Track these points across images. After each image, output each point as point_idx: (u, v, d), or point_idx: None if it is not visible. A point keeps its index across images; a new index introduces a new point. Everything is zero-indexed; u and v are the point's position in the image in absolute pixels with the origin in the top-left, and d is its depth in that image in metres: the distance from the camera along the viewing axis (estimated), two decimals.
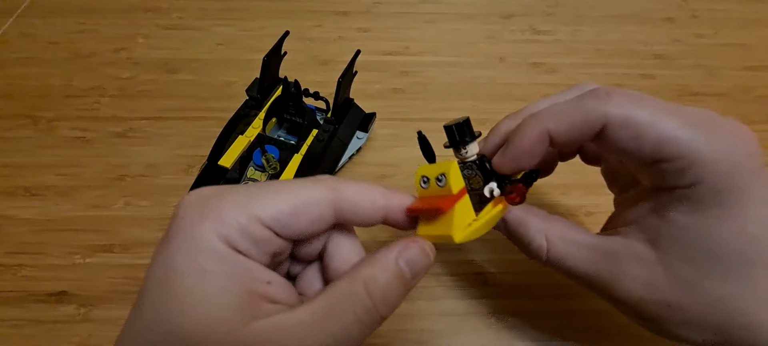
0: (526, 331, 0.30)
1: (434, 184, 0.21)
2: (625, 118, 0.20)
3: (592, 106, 0.20)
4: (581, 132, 0.21)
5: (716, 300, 0.20)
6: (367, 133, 0.39)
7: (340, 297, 0.18)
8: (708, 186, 0.19)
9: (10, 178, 0.37)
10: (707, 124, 0.20)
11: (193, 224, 0.17)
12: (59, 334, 0.29)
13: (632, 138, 0.20)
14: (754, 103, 0.45)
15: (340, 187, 0.19)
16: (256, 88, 0.37)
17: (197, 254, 0.17)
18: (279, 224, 0.18)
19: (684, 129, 0.19)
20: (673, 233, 0.21)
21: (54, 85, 0.44)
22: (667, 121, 0.20)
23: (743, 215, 0.19)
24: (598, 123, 0.20)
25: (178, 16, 0.52)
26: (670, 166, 0.20)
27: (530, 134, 0.21)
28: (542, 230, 0.23)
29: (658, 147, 0.20)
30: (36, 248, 0.33)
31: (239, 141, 0.35)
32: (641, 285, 0.21)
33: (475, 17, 0.53)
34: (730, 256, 0.20)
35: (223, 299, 0.17)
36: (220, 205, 0.18)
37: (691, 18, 0.54)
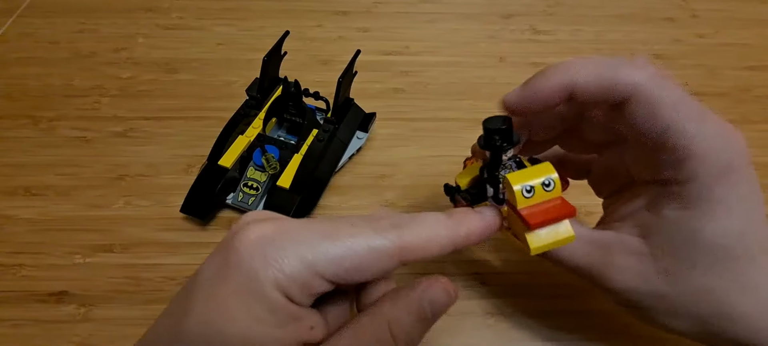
0: (526, 331, 0.30)
1: (540, 190, 0.20)
2: (649, 95, 0.20)
3: (624, 72, 0.20)
4: (607, 94, 0.20)
5: (702, 291, 0.21)
6: (367, 133, 0.39)
7: (367, 337, 0.18)
8: (700, 184, 0.20)
9: (10, 177, 0.37)
10: (713, 123, 0.20)
11: (255, 268, 0.17)
12: (59, 334, 0.29)
13: (648, 116, 0.20)
14: (754, 102, 0.45)
15: (403, 236, 0.18)
16: (256, 88, 0.37)
17: (254, 303, 0.17)
18: (340, 278, 0.18)
19: (693, 123, 0.20)
20: (664, 227, 0.21)
21: (54, 85, 0.44)
22: (682, 110, 0.20)
23: (731, 213, 0.20)
24: (626, 91, 0.20)
25: (178, 16, 0.52)
26: (669, 156, 0.20)
27: (554, 80, 0.21)
28: None
29: (666, 134, 0.20)
30: (36, 247, 0.33)
31: (239, 141, 0.35)
32: (633, 275, 0.22)
33: (475, 17, 0.53)
34: (716, 250, 0.20)
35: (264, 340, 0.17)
36: (283, 252, 0.17)
37: (691, 18, 0.54)
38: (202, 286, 0.18)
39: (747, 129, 0.43)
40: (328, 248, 0.17)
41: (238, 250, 0.17)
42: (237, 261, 0.17)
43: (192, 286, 0.18)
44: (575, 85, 0.20)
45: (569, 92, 0.21)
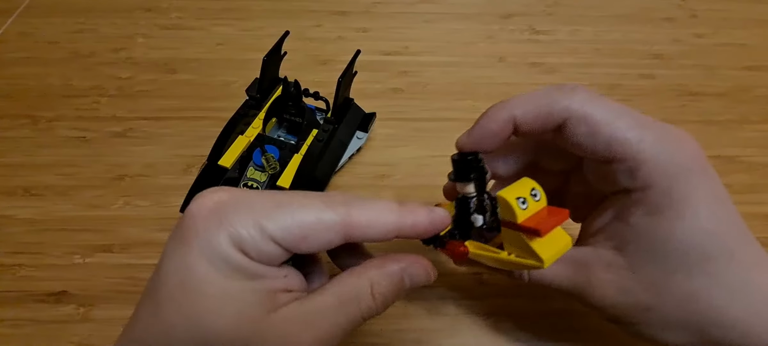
0: (524, 331, 0.30)
1: (532, 200, 0.20)
2: (583, 114, 0.21)
3: (557, 98, 0.22)
4: (544, 122, 0.22)
5: (686, 297, 0.21)
6: (366, 133, 0.39)
7: (349, 293, 0.20)
8: (659, 188, 0.21)
9: (9, 177, 0.37)
10: (656, 129, 0.21)
11: (210, 231, 0.18)
12: (59, 334, 0.29)
13: (588, 134, 0.21)
14: (754, 102, 0.45)
15: (351, 213, 0.19)
16: (256, 88, 0.37)
17: (219, 261, 0.18)
18: (288, 244, 0.19)
19: (634, 131, 0.21)
20: (636, 236, 0.22)
21: (53, 85, 0.44)
22: (620, 121, 0.21)
23: (696, 212, 0.20)
24: (560, 115, 0.22)
25: (177, 16, 0.52)
26: (620, 166, 0.21)
27: (496, 118, 0.23)
28: None
29: (610, 146, 0.21)
30: (35, 247, 0.33)
31: (239, 141, 0.35)
32: (614, 290, 0.22)
33: (475, 17, 0.53)
34: (690, 253, 0.20)
35: (247, 298, 0.18)
36: (235, 215, 0.18)
37: (690, 18, 0.54)
38: (169, 259, 0.19)
39: (747, 129, 0.43)
40: (278, 215, 0.18)
41: (194, 216, 0.18)
42: (194, 226, 0.18)
43: (161, 261, 0.19)
44: (516, 119, 0.22)
45: (512, 125, 0.23)
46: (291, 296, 0.20)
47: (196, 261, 0.18)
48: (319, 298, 0.20)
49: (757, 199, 0.38)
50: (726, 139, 0.42)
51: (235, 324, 0.18)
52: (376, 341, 0.29)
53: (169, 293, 0.18)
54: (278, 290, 0.19)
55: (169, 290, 0.18)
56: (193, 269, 0.18)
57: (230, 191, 0.19)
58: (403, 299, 0.31)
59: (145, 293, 0.19)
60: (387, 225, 0.20)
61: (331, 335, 0.19)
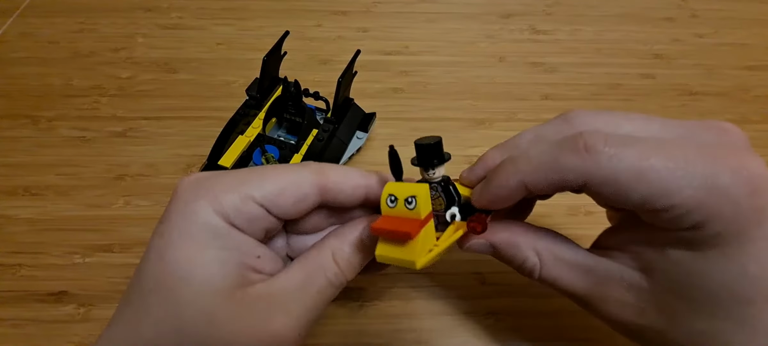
0: (525, 331, 0.30)
1: (402, 205, 0.20)
2: (605, 178, 0.18)
3: (570, 163, 0.19)
4: (558, 187, 0.20)
5: (707, 334, 0.20)
6: (367, 133, 0.39)
7: (313, 265, 0.21)
8: (711, 229, 0.18)
9: (9, 177, 0.37)
10: (705, 159, 0.18)
11: (190, 201, 0.19)
12: (59, 333, 0.29)
13: (617, 193, 0.19)
14: (754, 102, 0.45)
15: (324, 170, 0.21)
16: (256, 88, 0.37)
17: (195, 228, 0.19)
18: (269, 202, 0.20)
19: (678, 179, 0.18)
20: (668, 267, 0.20)
21: (54, 85, 0.44)
22: (657, 172, 0.18)
23: (744, 255, 0.18)
24: (577, 182, 0.19)
25: (177, 16, 0.52)
26: (666, 214, 0.18)
27: (507, 185, 0.21)
28: (533, 247, 0.23)
29: (648, 200, 0.18)
30: (35, 247, 0.33)
31: (239, 141, 0.35)
32: (631, 310, 0.21)
33: (475, 17, 0.53)
34: (723, 294, 0.19)
35: (219, 269, 0.19)
36: (216, 185, 0.20)
37: (690, 17, 0.54)
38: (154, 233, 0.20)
39: (747, 129, 0.42)
40: (255, 176, 0.20)
41: (176, 192, 0.20)
42: (176, 201, 0.19)
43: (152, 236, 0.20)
44: (527, 185, 0.20)
45: (524, 189, 0.21)
46: (261, 277, 0.20)
47: (173, 231, 0.19)
48: (284, 276, 0.20)
49: None
50: None
51: (200, 293, 0.18)
52: (375, 341, 0.29)
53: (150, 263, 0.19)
54: (249, 267, 0.20)
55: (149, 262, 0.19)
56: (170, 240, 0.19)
57: (210, 171, 0.21)
58: (403, 299, 0.31)
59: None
60: (356, 180, 0.22)
61: (302, 312, 0.20)
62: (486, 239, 0.23)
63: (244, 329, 0.18)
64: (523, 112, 0.43)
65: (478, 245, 0.23)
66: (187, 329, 0.18)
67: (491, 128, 0.42)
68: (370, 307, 0.31)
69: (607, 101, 0.45)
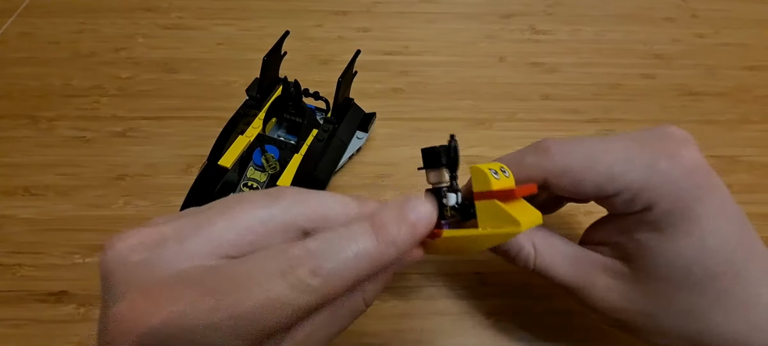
0: (525, 331, 0.30)
1: (502, 176, 0.21)
2: (561, 170, 0.22)
3: (531, 162, 0.22)
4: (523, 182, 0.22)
5: (686, 312, 0.21)
6: (367, 133, 0.39)
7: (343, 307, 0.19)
8: (660, 208, 0.21)
9: (9, 177, 0.37)
10: (645, 150, 0.21)
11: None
12: (59, 333, 0.29)
13: (573, 183, 0.22)
14: (754, 102, 0.45)
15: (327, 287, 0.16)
16: (256, 88, 0.37)
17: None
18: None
19: (620, 165, 0.21)
20: (641, 252, 0.22)
21: (54, 85, 0.44)
22: (601, 163, 0.21)
23: (699, 230, 0.20)
24: (539, 178, 0.22)
25: (177, 16, 0.52)
26: (617, 199, 0.21)
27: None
28: (529, 237, 0.24)
29: (599, 187, 0.21)
30: (35, 247, 0.33)
31: (239, 141, 0.35)
32: (619, 297, 0.22)
33: (475, 17, 0.53)
34: (694, 271, 0.20)
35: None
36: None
37: (691, 18, 0.54)
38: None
39: (747, 129, 0.43)
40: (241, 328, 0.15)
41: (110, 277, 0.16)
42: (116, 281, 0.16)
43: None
44: None
45: None
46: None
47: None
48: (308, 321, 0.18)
49: (758, 199, 0.38)
50: (726, 139, 0.42)
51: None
52: (375, 342, 0.29)
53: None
54: None
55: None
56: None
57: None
58: (403, 299, 0.31)
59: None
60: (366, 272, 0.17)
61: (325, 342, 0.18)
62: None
63: None
64: (523, 113, 0.43)
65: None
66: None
67: (491, 128, 0.42)
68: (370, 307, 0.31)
69: (608, 101, 0.45)
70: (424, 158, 0.22)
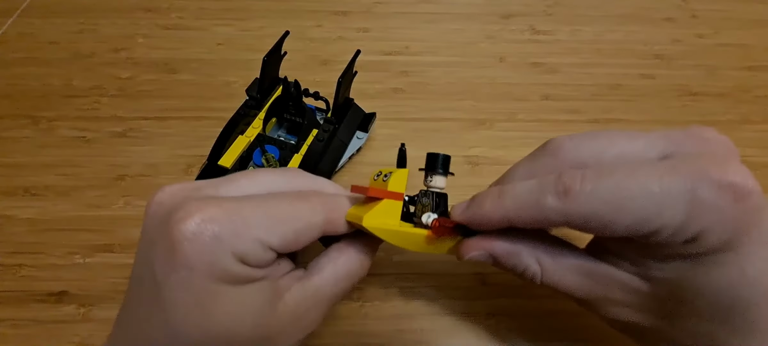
0: (525, 331, 0.30)
1: (381, 179, 0.24)
2: (585, 216, 0.19)
3: (551, 205, 0.19)
4: (542, 226, 0.21)
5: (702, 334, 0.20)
6: (367, 133, 0.39)
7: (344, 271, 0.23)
8: (702, 242, 0.18)
9: (9, 178, 0.37)
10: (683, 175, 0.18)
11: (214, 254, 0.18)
12: (59, 334, 0.29)
13: (602, 227, 0.19)
14: (754, 103, 0.45)
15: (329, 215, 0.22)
16: (256, 88, 0.37)
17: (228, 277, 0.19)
18: (284, 248, 0.20)
19: (656, 203, 0.18)
20: (668, 276, 0.20)
21: (54, 85, 0.44)
22: (636, 200, 0.18)
23: (739, 259, 0.18)
24: (559, 222, 0.20)
25: (177, 16, 0.52)
26: (654, 237, 0.19)
27: (491, 217, 0.22)
28: (533, 254, 0.23)
29: (633, 229, 0.19)
30: (36, 247, 0.33)
31: (239, 141, 0.35)
32: (633, 311, 0.21)
33: (475, 17, 0.53)
34: (723, 299, 0.19)
35: (258, 300, 0.20)
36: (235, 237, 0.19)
37: (691, 18, 0.54)
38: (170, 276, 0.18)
39: (747, 129, 0.43)
40: (275, 227, 0.20)
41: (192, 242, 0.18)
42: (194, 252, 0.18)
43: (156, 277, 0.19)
44: (511, 222, 0.21)
45: (508, 225, 0.21)
46: (288, 278, 0.22)
47: (205, 282, 0.18)
48: (318, 278, 0.22)
49: None
50: None
51: (256, 325, 0.20)
52: (375, 341, 0.29)
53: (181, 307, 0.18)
54: (278, 278, 0.21)
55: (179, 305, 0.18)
56: (205, 289, 0.18)
57: (219, 206, 0.19)
58: (403, 299, 0.31)
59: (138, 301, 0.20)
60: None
61: (331, 305, 0.23)
62: (485, 248, 0.23)
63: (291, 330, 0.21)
64: (524, 113, 0.43)
65: (478, 254, 0.23)
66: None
67: (491, 129, 0.42)
68: (370, 307, 0.31)
69: (608, 102, 0.45)
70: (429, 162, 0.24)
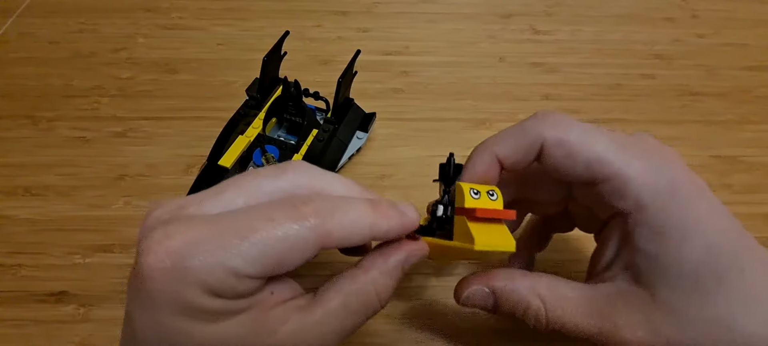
0: (526, 331, 0.30)
1: (486, 196, 0.22)
2: (558, 139, 0.22)
3: (530, 127, 0.22)
4: (525, 153, 0.23)
5: (709, 324, 0.20)
6: (367, 133, 0.39)
7: (354, 300, 0.19)
8: (655, 207, 0.20)
9: (9, 178, 0.37)
10: (634, 145, 0.21)
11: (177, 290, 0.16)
12: (59, 334, 0.29)
13: (565, 156, 0.22)
14: (754, 103, 0.45)
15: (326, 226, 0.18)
16: (256, 88, 0.37)
17: (198, 313, 0.17)
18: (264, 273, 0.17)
19: (612, 150, 0.21)
20: (648, 263, 0.21)
21: (54, 85, 0.44)
22: (596, 142, 0.21)
23: (698, 229, 0.20)
24: (537, 143, 0.22)
25: (177, 16, 0.52)
26: (605, 187, 0.21)
27: (482, 161, 0.23)
28: (534, 289, 0.23)
29: (589, 167, 0.21)
30: (36, 247, 0.33)
31: (239, 141, 0.35)
32: (643, 330, 0.21)
33: (475, 17, 0.53)
34: (701, 273, 0.20)
35: (242, 332, 0.18)
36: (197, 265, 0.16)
37: (691, 18, 0.54)
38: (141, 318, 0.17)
39: (747, 129, 0.43)
40: (245, 249, 0.17)
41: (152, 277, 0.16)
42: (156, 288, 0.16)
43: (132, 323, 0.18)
44: (498, 156, 0.23)
45: (497, 163, 0.23)
46: (288, 306, 0.19)
47: (173, 320, 0.17)
48: (322, 308, 0.19)
49: (758, 199, 0.37)
50: (727, 139, 0.42)
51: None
52: (375, 342, 0.29)
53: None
54: (270, 308, 0.18)
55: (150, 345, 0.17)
56: (174, 328, 0.17)
57: (178, 230, 0.17)
58: (403, 299, 0.31)
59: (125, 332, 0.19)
60: (363, 233, 0.19)
61: (337, 339, 0.19)
62: (486, 285, 0.24)
63: None
64: (524, 113, 0.43)
65: (477, 296, 0.24)
66: None
67: (491, 129, 0.42)
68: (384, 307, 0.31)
69: (608, 102, 0.45)
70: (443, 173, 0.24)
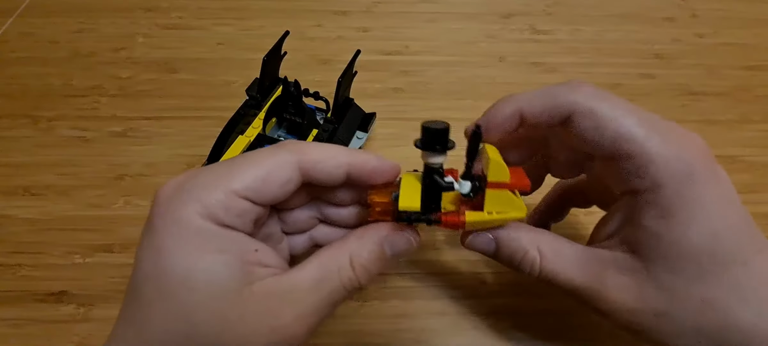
0: (525, 330, 0.30)
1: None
2: (589, 109, 0.21)
3: (562, 93, 0.22)
4: (550, 116, 0.23)
5: (701, 305, 0.20)
6: (367, 133, 0.38)
7: (330, 266, 0.20)
8: (670, 189, 0.20)
9: (9, 177, 0.37)
10: (663, 128, 0.21)
11: (176, 210, 0.19)
12: (59, 333, 0.29)
13: (594, 128, 0.21)
14: (754, 102, 0.45)
15: (303, 149, 0.21)
16: (256, 88, 0.37)
17: (188, 236, 0.18)
18: (253, 192, 0.19)
19: (640, 128, 0.21)
20: (650, 241, 0.21)
21: (54, 85, 0.44)
22: (626, 118, 0.21)
23: (708, 215, 0.20)
24: (566, 110, 0.22)
25: (177, 16, 0.52)
26: (628, 164, 0.21)
27: (504, 111, 0.23)
28: (534, 241, 0.24)
29: (616, 141, 0.21)
30: (35, 247, 0.33)
31: (239, 141, 0.35)
32: (631, 295, 0.22)
33: (475, 17, 0.53)
34: (703, 258, 0.20)
35: (223, 270, 0.19)
36: (196, 187, 0.19)
37: (691, 18, 0.54)
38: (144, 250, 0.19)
39: (747, 129, 0.43)
40: (235, 168, 0.20)
41: (158, 201, 0.19)
42: (160, 212, 0.19)
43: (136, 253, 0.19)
44: (522, 111, 0.23)
45: (519, 118, 0.23)
46: (268, 271, 0.20)
47: (165, 243, 0.18)
48: (298, 273, 0.20)
49: (758, 199, 0.38)
50: (727, 138, 0.42)
51: (208, 296, 0.18)
52: (375, 341, 0.29)
53: (148, 282, 0.19)
54: (251, 263, 0.20)
55: (146, 280, 0.19)
56: (166, 254, 0.18)
57: (187, 172, 0.20)
58: (403, 299, 0.31)
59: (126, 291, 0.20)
60: (338, 159, 0.21)
61: (313, 311, 0.20)
62: (489, 233, 0.24)
63: (256, 325, 0.19)
64: None
65: (480, 240, 0.24)
66: (198, 333, 0.18)
67: None
68: (369, 307, 0.31)
69: None
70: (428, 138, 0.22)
